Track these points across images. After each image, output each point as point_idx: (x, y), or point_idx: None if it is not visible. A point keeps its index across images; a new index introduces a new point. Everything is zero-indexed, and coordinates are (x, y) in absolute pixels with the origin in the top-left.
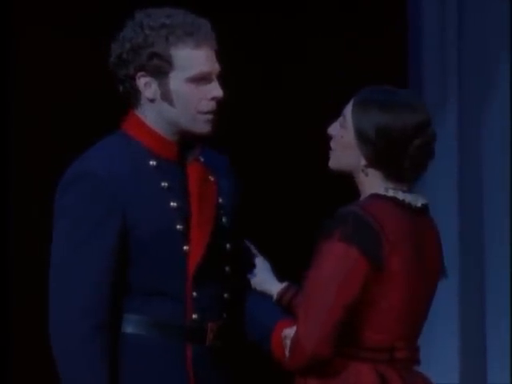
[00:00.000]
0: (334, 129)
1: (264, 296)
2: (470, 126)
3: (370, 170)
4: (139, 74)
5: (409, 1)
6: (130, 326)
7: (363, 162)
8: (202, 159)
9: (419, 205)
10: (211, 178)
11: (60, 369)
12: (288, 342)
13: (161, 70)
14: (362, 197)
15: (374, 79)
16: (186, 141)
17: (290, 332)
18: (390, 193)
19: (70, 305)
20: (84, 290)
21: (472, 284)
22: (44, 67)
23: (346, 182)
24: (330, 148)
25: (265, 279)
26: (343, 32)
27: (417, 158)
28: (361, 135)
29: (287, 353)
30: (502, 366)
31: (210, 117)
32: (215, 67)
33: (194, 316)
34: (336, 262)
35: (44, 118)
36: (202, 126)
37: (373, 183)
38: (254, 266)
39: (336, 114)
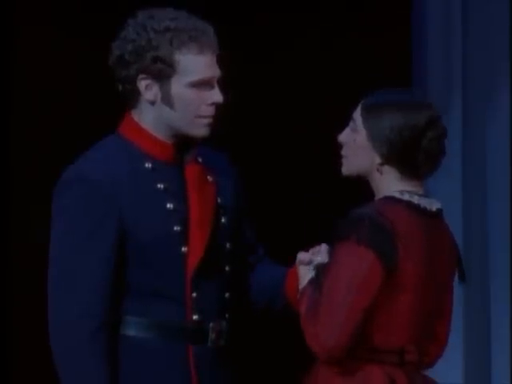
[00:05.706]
0: (345, 136)
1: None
2: (475, 126)
3: (385, 168)
4: (141, 76)
5: (413, 1)
6: (131, 329)
7: (378, 160)
8: (201, 159)
9: (434, 209)
10: (210, 179)
11: (60, 370)
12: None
13: (163, 73)
14: (377, 197)
15: (378, 80)
16: (183, 142)
17: (302, 256)
18: (406, 196)
19: (69, 306)
20: (83, 291)
21: (476, 284)
22: (44, 67)
23: (354, 184)
24: (341, 156)
25: None
26: (347, 32)
27: (430, 151)
28: (375, 136)
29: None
30: (505, 367)
31: (207, 121)
32: (217, 72)
33: (195, 317)
34: (353, 266)
35: (43, 118)
36: (199, 130)
37: (388, 182)
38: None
39: (339, 113)
